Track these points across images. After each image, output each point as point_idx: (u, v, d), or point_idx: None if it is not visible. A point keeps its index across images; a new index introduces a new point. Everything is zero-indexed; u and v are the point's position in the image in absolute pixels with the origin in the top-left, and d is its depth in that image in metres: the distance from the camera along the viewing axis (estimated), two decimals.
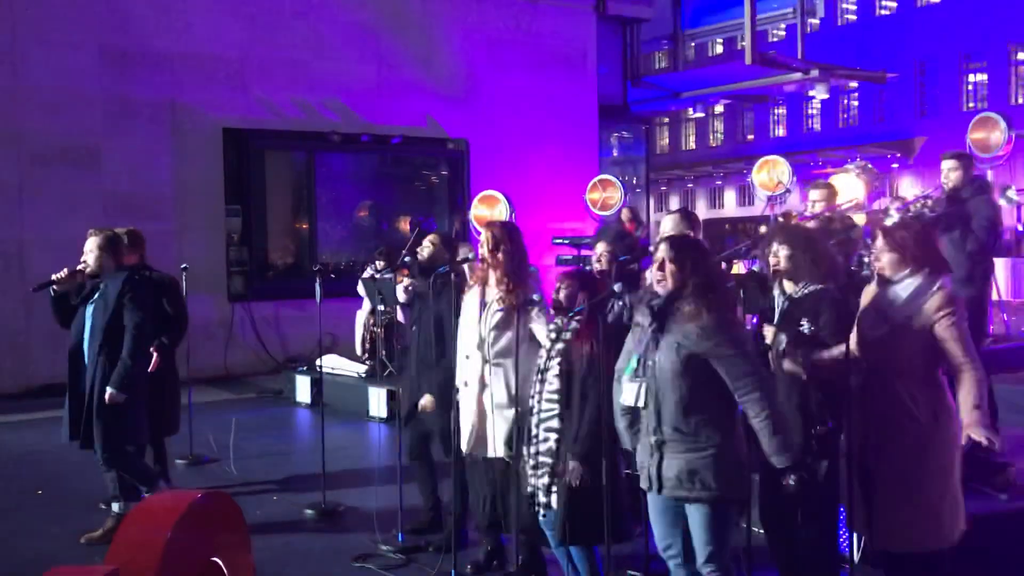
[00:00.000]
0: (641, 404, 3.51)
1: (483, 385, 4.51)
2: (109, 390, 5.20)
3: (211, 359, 10.99)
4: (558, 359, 4.09)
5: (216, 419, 8.37)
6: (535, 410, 4.13)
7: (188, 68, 11.39)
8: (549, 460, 4.06)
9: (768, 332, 3.96)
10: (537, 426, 4.11)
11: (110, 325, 5.28)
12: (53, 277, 5.45)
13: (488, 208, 11.67)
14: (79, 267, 5.47)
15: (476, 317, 4.59)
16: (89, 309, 5.36)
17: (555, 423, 4.05)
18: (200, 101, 11.46)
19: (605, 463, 3.75)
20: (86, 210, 10.53)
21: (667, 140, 41.87)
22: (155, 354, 5.81)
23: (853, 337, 3.73)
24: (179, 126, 11.35)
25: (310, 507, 5.87)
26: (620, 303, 4.93)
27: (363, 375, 9.49)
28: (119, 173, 10.95)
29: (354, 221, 13.64)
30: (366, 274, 10.28)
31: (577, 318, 4.03)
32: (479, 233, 11.28)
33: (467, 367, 4.57)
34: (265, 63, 11.91)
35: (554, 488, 4.04)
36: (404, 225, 13.59)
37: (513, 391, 4.31)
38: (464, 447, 4.58)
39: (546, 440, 4.08)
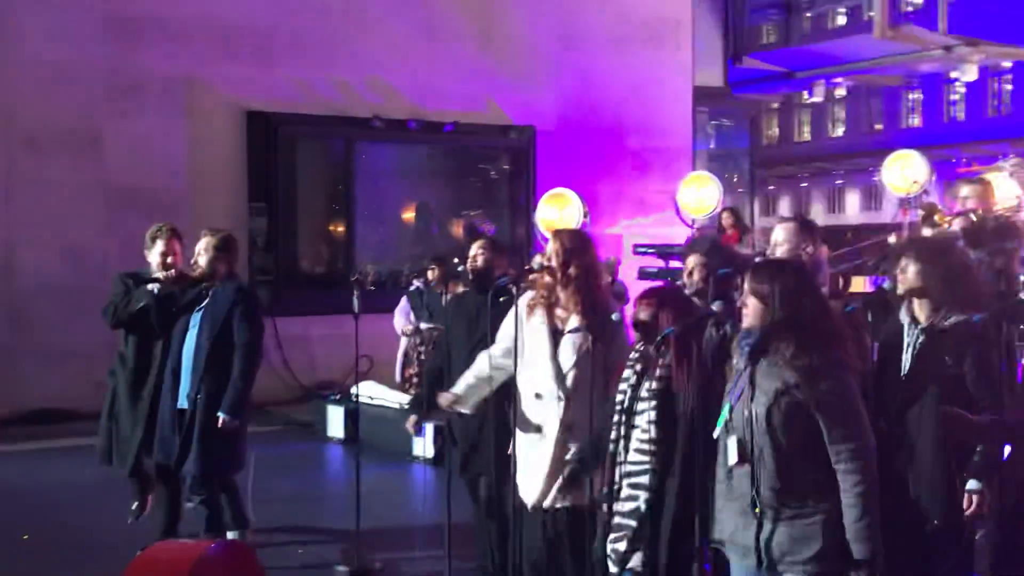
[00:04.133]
0: (733, 461, 3.48)
1: (566, 429, 4.46)
2: (222, 416, 5.47)
3: None
4: (653, 402, 4.00)
5: None
6: (620, 458, 4.05)
7: (207, 40, 11.60)
8: (633, 524, 3.98)
9: None
10: (621, 479, 4.03)
11: (218, 341, 5.53)
12: (160, 275, 5.77)
13: (557, 209, 11.63)
14: (171, 270, 5.80)
15: (548, 347, 4.56)
16: (195, 318, 5.63)
17: (645, 480, 3.96)
18: (220, 79, 11.66)
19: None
20: (85, 205, 10.77)
21: (776, 130, 41.45)
22: None
23: None
24: (195, 108, 11.56)
25: (341, 563, 5.90)
26: (718, 330, 4.87)
27: (406, 406, 9.48)
28: (124, 162, 11.17)
29: (398, 223, 13.74)
30: (412, 287, 10.38)
31: (669, 352, 3.96)
32: (547, 241, 11.32)
33: (539, 409, 4.53)
34: (298, 36, 12.08)
35: (633, 561, 3.95)
36: (457, 229, 13.64)
37: (591, 433, 4.27)
38: (530, 499, 4.54)
39: (632, 499, 4.00)
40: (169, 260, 5.90)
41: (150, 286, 5.81)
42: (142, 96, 11.27)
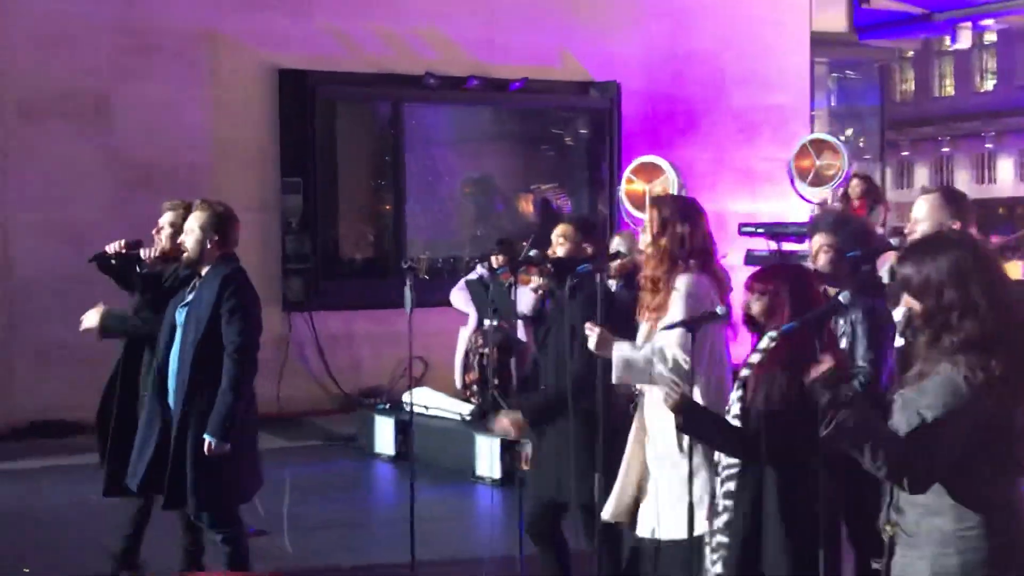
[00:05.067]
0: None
1: (643, 433, 4.49)
2: (208, 439, 5.36)
3: (259, 391, 11.11)
4: (739, 392, 4.08)
5: (266, 475, 8.52)
6: (719, 468, 4.12)
7: None
8: (727, 540, 4.03)
9: None
10: (719, 489, 4.11)
11: (203, 342, 5.45)
12: (108, 249, 5.88)
13: (646, 181, 11.61)
14: (157, 246, 5.88)
15: (643, 337, 4.59)
16: (180, 315, 5.62)
17: (732, 486, 4.04)
18: (247, 32, 11.77)
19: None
20: (90, 182, 10.94)
21: (912, 84, 40.87)
22: None
23: None
24: (218, 67, 11.68)
25: None
26: (847, 322, 4.82)
27: (467, 417, 9.55)
28: (135, 132, 11.32)
29: (456, 200, 13.77)
30: (473, 275, 10.39)
31: (773, 335, 3.93)
32: (634, 221, 11.31)
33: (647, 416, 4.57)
34: None
35: None
36: (527, 206, 13.64)
37: (683, 441, 4.27)
38: (608, 516, 4.56)
39: (726, 511, 4.07)
40: (167, 233, 5.97)
41: (137, 266, 5.93)
42: (155, 54, 11.42)
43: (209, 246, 5.58)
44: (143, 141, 11.33)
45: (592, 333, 4.59)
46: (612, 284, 6.00)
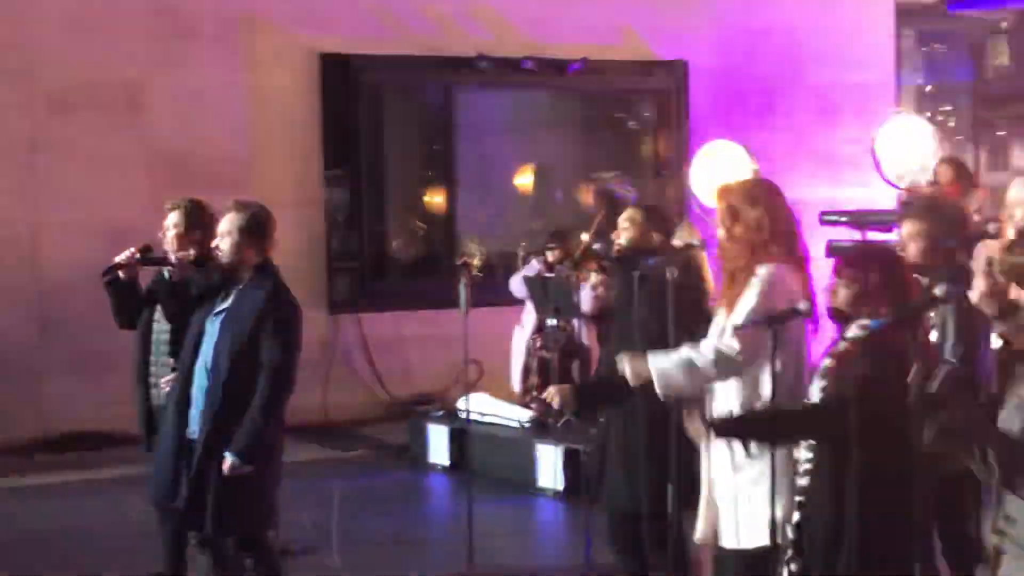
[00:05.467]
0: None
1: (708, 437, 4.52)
2: (229, 457, 5.36)
3: (304, 398, 11.12)
4: (821, 382, 4.10)
5: (313, 488, 8.62)
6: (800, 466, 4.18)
7: None
8: (800, 539, 4.14)
9: None
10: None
11: (240, 359, 5.43)
12: (119, 259, 5.80)
13: (717, 167, 11.53)
14: (176, 254, 5.80)
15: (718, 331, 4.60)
16: (212, 324, 5.57)
17: (805, 482, 4.10)
18: (287, 16, 11.85)
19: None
20: (123, 176, 11.04)
21: (1006, 58, 40.29)
22: None
23: None
24: (257, 53, 11.76)
25: None
26: (937, 314, 4.80)
27: (527, 424, 9.57)
28: (170, 122, 11.43)
29: (512, 191, 13.77)
30: (530, 270, 10.40)
31: (864, 326, 3.94)
32: (704, 211, 11.25)
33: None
34: None
35: None
36: (588, 195, 13.62)
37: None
38: (698, 533, 4.59)
39: (801, 507, 4.15)
40: (172, 235, 5.95)
41: (164, 271, 5.84)
42: (191, 40, 11.52)
43: (248, 251, 5.54)
44: (179, 133, 11.43)
45: (626, 366, 4.64)
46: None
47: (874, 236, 11.26)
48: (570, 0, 12.79)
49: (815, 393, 4.11)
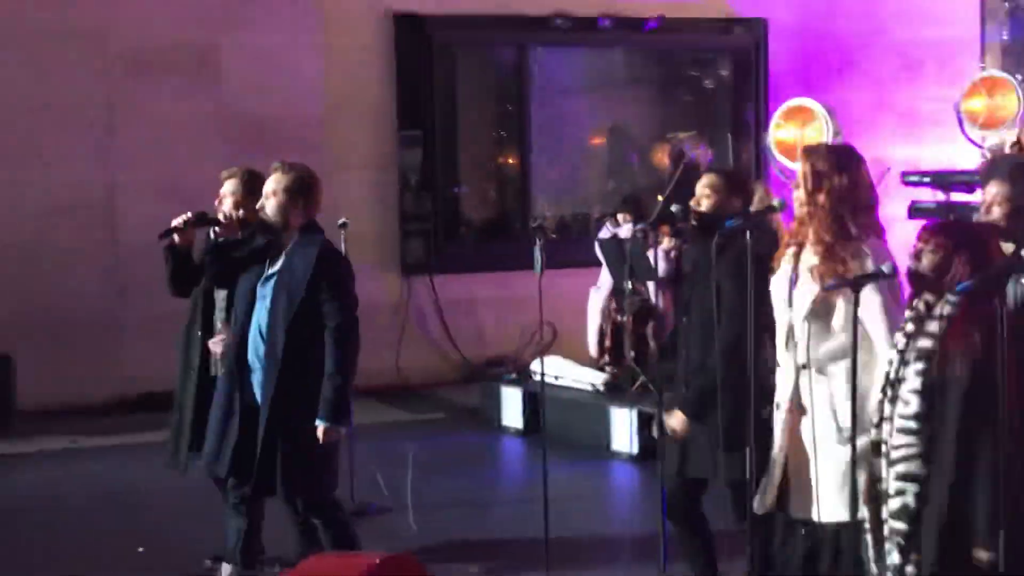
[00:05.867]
0: None
1: (799, 408, 4.49)
2: (322, 424, 5.38)
3: (378, 360, 11.34)
4: (919, 364, 4.00)
5: (387, 450, 8.70)
6: (884, 448, 4.10)
7: None
8: (903, 526, 4.04)
9: None
10: (887, 472, 4.08)
11: (297, 319, 5.43)
12: (175, 223, 5.74)
13: (798, 127, 11.44)
14: (229, 213, 5.77)
15: (785, 300, 4.55)
16: (265, 288, 5.56)
17: (913, 467, 4.02)
18: None
19: None
20: (198, 138, 11.14)
21: None
22: None
23: None
24: (329, 12, 11.79)
25: None
26: (1017, 283, 4.73)
27: (602, 388, 9.56)
28: (244, 85, 11.51)
29: (586, 152, 13.73)
30: (604, 234, 10.36)
31: (953, 299, 3.90)
32: (784, 172, 11.16)
33: (778, 379, 4.59)
34: None
35: (909, 572, 4.00)
36: (663, 157, 13.54)
37: (846, 417, 4.26)
38: (762, 503, 4.56)
39: (900, 495, 4.06)
40: (229, 203, 5.90)
41: (210, 231, 5.80)
42: (265, 2, 11.57)
43: (294, 211, 5.52)
44: (253, 95, 11.50)
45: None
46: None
47: (957, 196, 11.13)
48: None
49: (912, 376, 4.02)
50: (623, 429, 8.87)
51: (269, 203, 5.53)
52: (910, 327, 4.11)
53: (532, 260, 6.40)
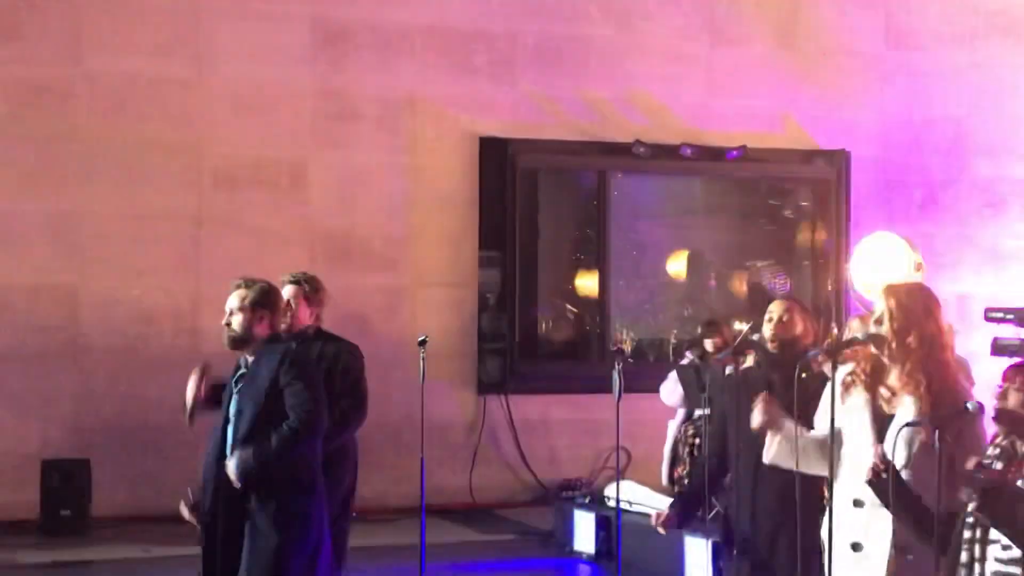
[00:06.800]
0: None
1: (900, 549, 4.44)
2: (230, 465, 5.50)
3: (451, 479, 11.39)
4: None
5: (459, 570, 8.62)
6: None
7: (433, 50, 12.05)
8: None
9: None
10: None
11: (259, 419, 5.56)
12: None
13: (879, 260, 11.35)
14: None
15: (871, 437, 4.50)
16: (232, 405, 5.71)
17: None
18: (448, 98, 12.07)
19: None
20: (284, 252, 11.27)
21: None
22: None
23: None
24: (417, 134, 11.99)
25: None
26: None
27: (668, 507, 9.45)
28: (331, 200, 11.72)
29: (665, 277, 13.73)
30: (683, 361, 10.30)
31: None
32: (864, 304, 11.04)
33: (859, 520, 4.53)
34: (542, 42, 12.36)
35: None
36: (741, 284, 13.50)
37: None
38: None
39: None
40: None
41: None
42: (355, 120, 11.80)
43: (259, 325, 5.70)
44: (338, 211, 11.71)
45: (759, 407, 4.68)
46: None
47: None
48: (730, 87, 12.81)
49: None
50: (698, 558, 8.72)
51: (235, 318, 5.71)
52: (998, 466, 4.05)
53: (608, 383, 6.41)
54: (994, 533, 3.97)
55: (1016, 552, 3.94)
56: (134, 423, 10.91)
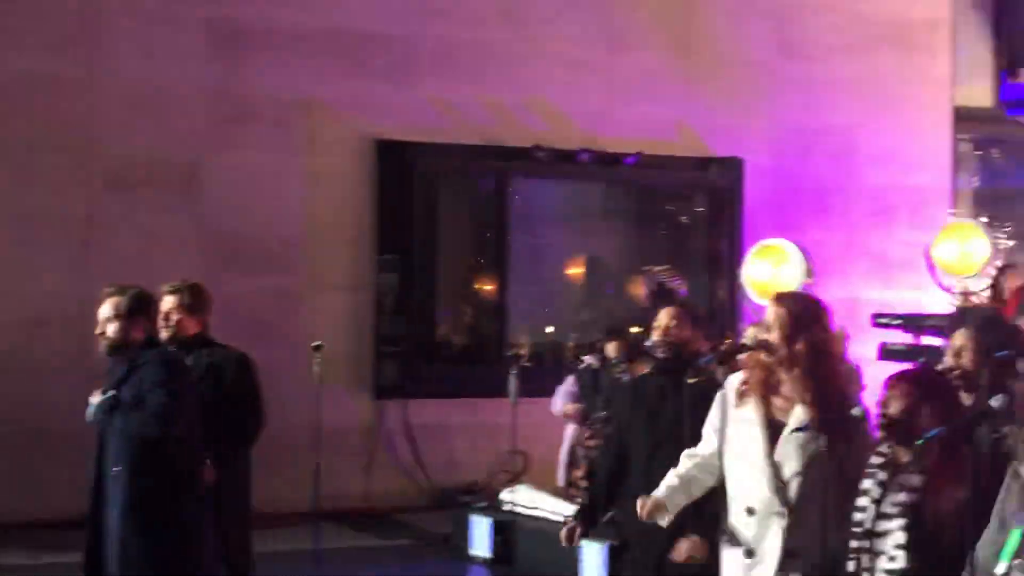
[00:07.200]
0: None
1: (789, 555, 4.46)
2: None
3: (346, 484, 11.29)
4: (902, 520, 3.99)
5: None
6: None
7: (330, 52, 11.96)
8: None
9: None
10: None
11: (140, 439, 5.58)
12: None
13: (770, 266, 11.51)
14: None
15: (763, 447, 4.56)
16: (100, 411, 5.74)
17: None
18: (346, 100, 11.99)
19: None
20: (177, 254, 11.14)
21: None
22: (210, 467, 6.10)
23: None
24: (314, 136, 11.91)
25: None
26: (995, 432, 4.75)
27: (571, 518, 9.47)
28: (225, 203, 11.56)
29: (563, 282, 13.78)
30: (583, 364, 10.35)
31: (920, 446, 3.92)
32: (757, 310, 11.18)
33: (750, 527, 4.56)
34: (441, 46, 12.34)
35: None
36: (639, 289, 13.61)
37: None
38: None
39: None
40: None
41: None
42: (249, 123, 11.68)
43: (135, 330, 5.72)
44: (234, 213, 11.56)
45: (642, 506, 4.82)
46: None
47: (927, 340, 11.19)
48: (627, 95, 12.90)
49: (895, 530, 4.03)
50: (593, 562, 8.76)
51: (110, 326, 5.74)
52: (882, 475, 4.12)
53: (506, 387, 6.42)
54: (882, 543, 4.01)
55: (900, 563, 3.99)
56: (21, 427, 10.69)
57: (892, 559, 4.00)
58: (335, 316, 11.69)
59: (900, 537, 4.00)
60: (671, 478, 4.88)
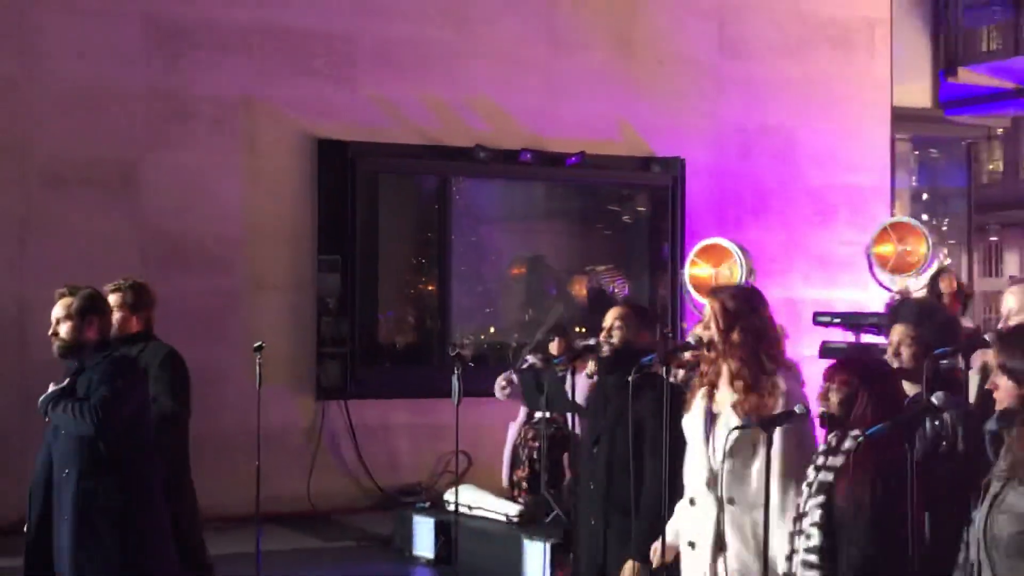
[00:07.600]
0: None
1: (720, 545, 4.49)
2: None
3: (288, 486, 11.24)
4: (819, 498, 4.06)
5: None
6: None
7: (270, 50, 11.91)
8: None
9: None
10: None
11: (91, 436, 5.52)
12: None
13: (712, 266, 11.59)
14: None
15: (702, 438, 4.57)
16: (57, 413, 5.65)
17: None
18: (286, 99, 11.94)
19: None
20: (115, 254, 11.03)
21: (1001, 163, 40.71)
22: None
23: None
24: (254, 135, 11.84)
25: None
26: (934, 423, 4.79)
27: (515, 519, 9.47)
28: (164, 203, 11.45)
29: (505, 282, 13.80)
30: (525, 364, 10.36)
31: (856, 434, 3.95)
32: (699, 308, 11.26)
33: (693, 518, 4.59)
34: (382, 44, 12.31)
35: None
36: (581, 289, 13.64)
37: (761, 551, 4.27)
38: None
39: None
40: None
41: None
42: (189, 121, 11.59)
43: (89, 330, 5.71)
44: (172, 212, 11.46)
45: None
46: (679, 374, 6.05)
47: (867, 338, 11.28)
48: (569, 95, 12.93)
49: (812, 508, 4.08)
50: (536, 561, 8.77)
51: (62, 327, 5.73)
52: (820, 460, 4.18)
53: (450, 388, 6.40)
54: (803, 524, 4.09)
55: (815, 540, 4.05)
56: None
57: (808, 537, 4.08)
58: (276, 316, 11.63)
59: (816, 515, 4.07)
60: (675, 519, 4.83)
